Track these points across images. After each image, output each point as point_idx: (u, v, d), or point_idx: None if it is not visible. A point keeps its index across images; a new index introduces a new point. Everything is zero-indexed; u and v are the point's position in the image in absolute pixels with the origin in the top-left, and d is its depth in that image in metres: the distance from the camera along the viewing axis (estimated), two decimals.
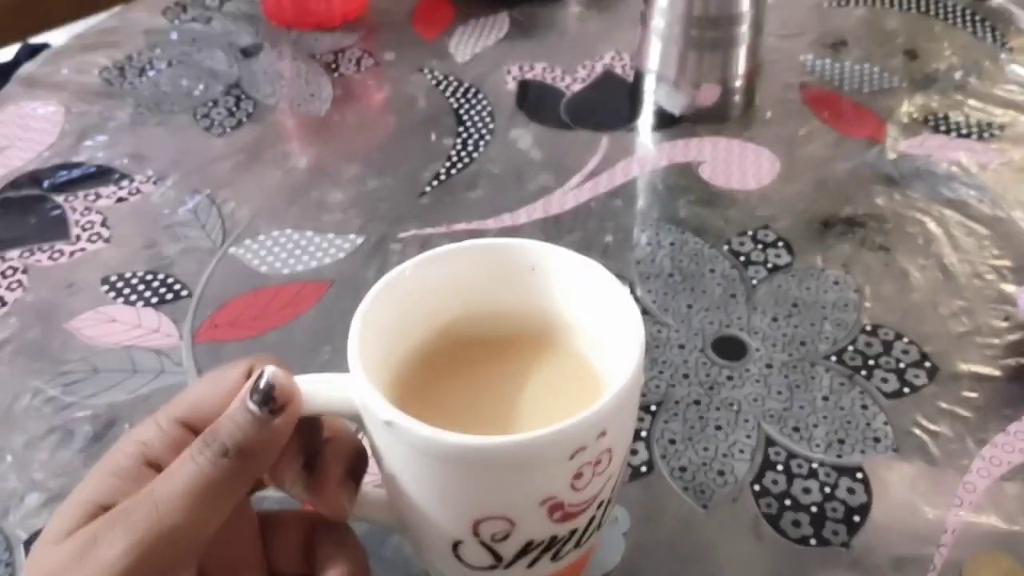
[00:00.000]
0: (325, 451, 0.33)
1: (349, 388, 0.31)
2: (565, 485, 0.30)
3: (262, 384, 0.30)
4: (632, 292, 0.51)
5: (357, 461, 0.33)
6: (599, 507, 0.33)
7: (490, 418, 0.34)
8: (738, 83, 0.65)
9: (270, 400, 0.30)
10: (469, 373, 0.36)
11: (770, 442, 0.44)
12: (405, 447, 0.30)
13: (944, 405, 0.46)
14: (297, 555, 0.34)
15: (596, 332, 0.35)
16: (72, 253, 0.56)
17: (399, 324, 0.35)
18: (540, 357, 0.36)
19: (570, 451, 0.29)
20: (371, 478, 0.43)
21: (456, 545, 0.32)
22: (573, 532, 0.32)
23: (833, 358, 0.48)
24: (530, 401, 0.34)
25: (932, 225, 0.56)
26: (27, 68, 0.75)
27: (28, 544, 0.41)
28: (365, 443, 0.33)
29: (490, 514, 0.30)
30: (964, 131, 0.64)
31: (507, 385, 0.35)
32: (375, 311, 0.33)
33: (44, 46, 0.91)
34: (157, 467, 0.31)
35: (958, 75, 0.69)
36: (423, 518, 0.32)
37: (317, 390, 0.31)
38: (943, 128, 0.64)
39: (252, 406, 0.30)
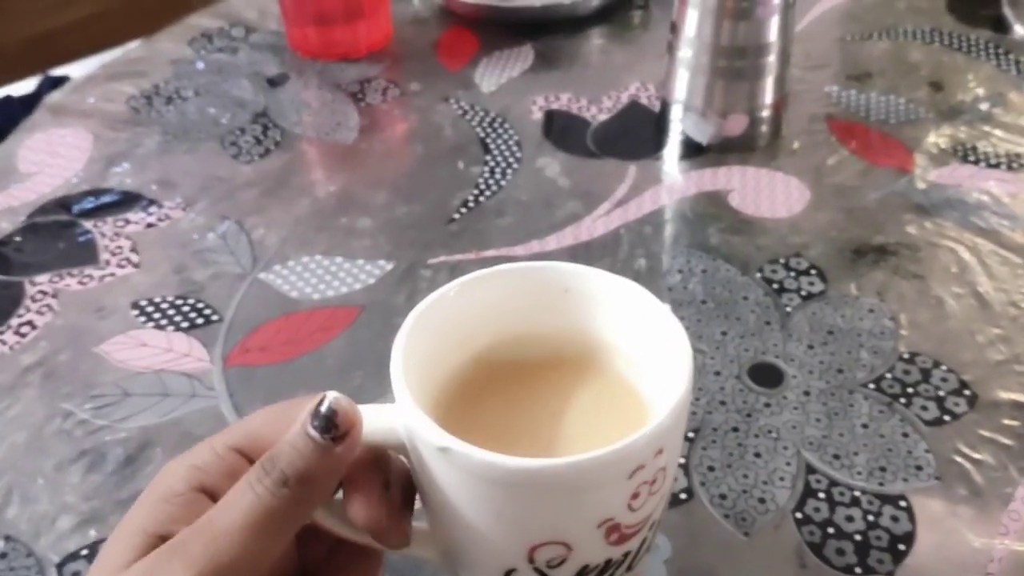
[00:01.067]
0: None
1: (394, 417, 0.31)
2: (623, 506, 0.29)
3: (323, 409, 0.29)
4: None
5: (409, 488, 0.33)
6: (651, 528, 0.32)
7: (534, 441, 0.34)
8: (765, 113, 0.65)
9: (332, 427, 0.29)
10: (508, 397, 0.35)
11: (811, 470, 0.44)
12: (460, 473, 0.29)
13: (985, 433, 0.45)
14: (323, 566, 0.34)
15: (636, 351, 0.35)
16: (102, 278, 0.56)
17: (437, 350, 0.34)
18: (579, 379, 0.36)
19: (629, 470, 0.29)
20: None
21: (509, 573, 0.31)
22: (627, 555, 0.32)
23: (871, 386, 0.48)
24: (572, 423, 0.34)
25: (965, 254, 0.56)
26: (55, 96, 0.75)
27: (60, 567, 0.41)
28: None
29: (547, 539, 0.30)
30: (993, 161, 0.64)
31: (547, 408, 0.35)
32: (414, 337, 0.32)
33: (65, 79, 0.92)
34: (210, 494, 0.30)
35: (984, 106, 0.69)
36: (475, 547, 0.31)
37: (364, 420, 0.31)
38: (972, 158, 0.64)
39: (313, 432, 0.29)
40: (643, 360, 0.35)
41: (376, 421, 0.31)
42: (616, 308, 0.35)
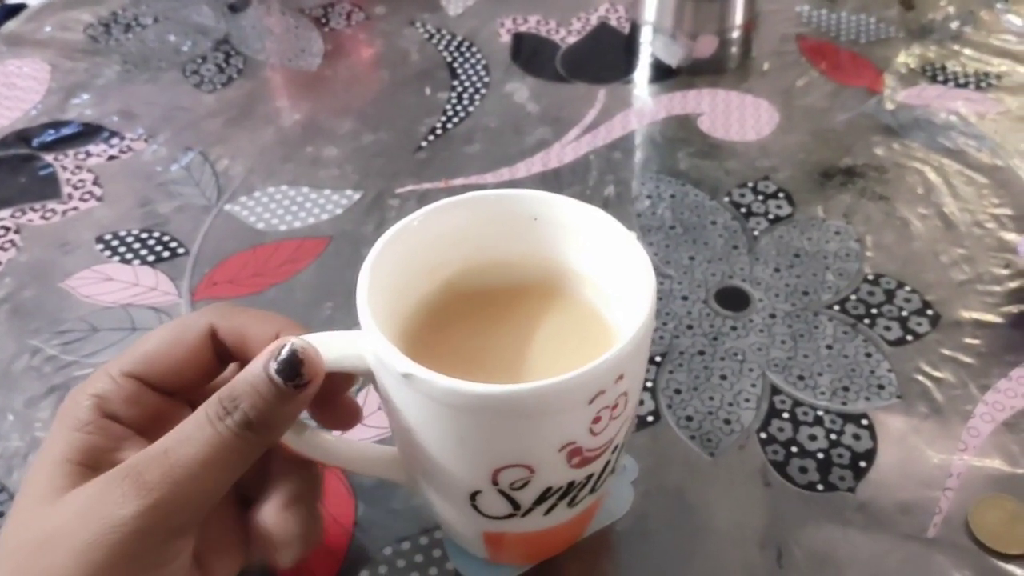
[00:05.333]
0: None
1: (360, 344, 0.31)
2: (584, 430, 0.30)
3: (286, 355, 0.29)
4: None
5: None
6: (614, 451, 0.33)
7: (500, 368, 0.34)
8: (735, 34, 0.64)
9: (296, 376, 0.29)
10: (476, 325, 0.36)
11: (775, 391, 0.44)
12: (423, 399, 0.29)
13: (947, 352, 0.46)
14: (259, 477, 0.34)
15: (602, 279, 0.35)
16: (65, 212, 0.56)
17: (404, 278, 0.34)
18: (547, 307, 0.36)
19: (590, 395, 0.29)
20: (377, 433, 0.43)
21: (474, 496, 0.32)
22: (589, 477, 0.32)
23: (836, 307, 0.48)
24: (539, 350, 0.34)
25: (932, 175, 0.56)
26: (9, 26, 0.73)
27: None
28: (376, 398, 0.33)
29: (509, 462, 0.30)
30: (962, 81, 0.63)
31: (515, 335, 0.35)
32: (381, 266, 0.32)
33: (22, 6, 0.89)
34: (115, 419, 0.30)
35: (954, 25, 0.69)
36: (440, 470, 0.32)
37: (328, 347, 0.31)
38: (940, 78, 0.64)
39: (277, 378, 0.29)
40: (609, 288, 0.35)
41: (343, 348, 0.31)
42: (584, 236, 0.35)
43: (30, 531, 0.28)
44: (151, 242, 0.53)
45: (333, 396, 0.33)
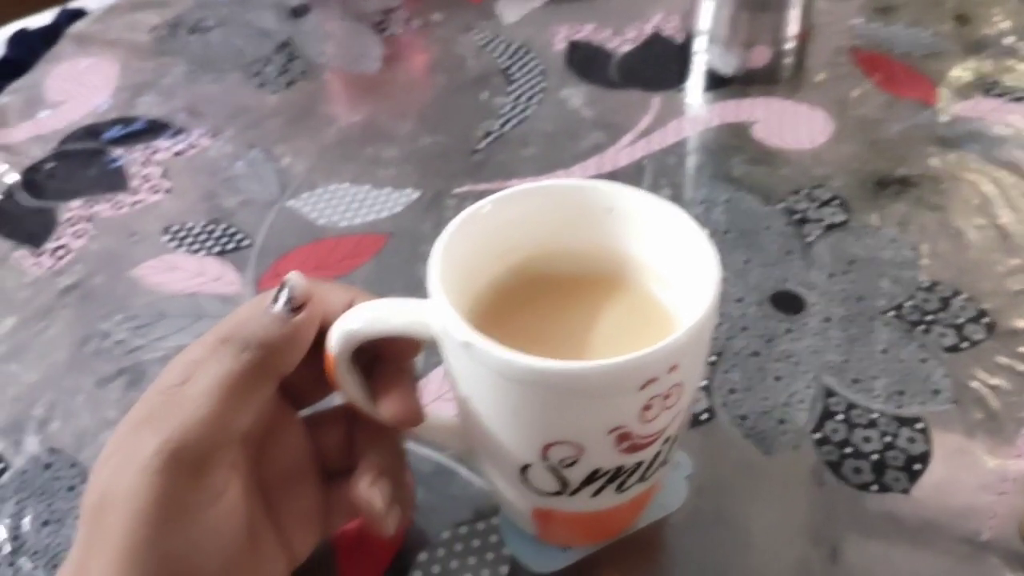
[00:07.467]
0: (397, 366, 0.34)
1: (428, 312, 0.32)
2: (634, 416, 0.30)
3: (280, 286, 0.32)
4: None
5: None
6: (665, 442, 0.33)
7: (560, 349, 0.34)
8: (790, 45, 0.65)
9: (288, 300, 0.31)
10: (539, 309, 0.36)
11: (829, 393, 0.45)
12: (481, 369, 0.30)
13: (1002, 360, 0.46)
14: (342, 449, 0.36)
15: (668, 272, 0.36)
16: (133, 204, 0.57)
17: (475, 260, 0.35)
18: (611, 296, 0.37)
19: (641, 382, 0.29)
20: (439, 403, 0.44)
21: (524, 469, 0.33)
22: (639, 464, 0.33)
23: (891, 313, 0.48)
24: (600, 336, 0.35)
25: (987, 186, 0.56)
26: (78, 26, 0.76)
27: None
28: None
29: (559, 438, 0.31)
30: (1017, 95, 0.63)
31: (578, 321, 0.36)
32: (453, 245, 0.33)
33: (82, 12, 0.92)
34: None
35: (1009, 40, 0.69)
36: (494, 441, 0.33)
37: (397, 312, 0.32)
38: (995, 92, 0.64)
39: (271, 307, 0.31)
40: (675, 282, 0.36)
41: (411, 314, 0.32)
42: (655, 229, 0.35)
43: (91, 494, 0.30)
44: (216, 234, 0.55)
45: (399, 364, 0.34)
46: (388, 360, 0.34)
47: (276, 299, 0.32)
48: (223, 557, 0.30)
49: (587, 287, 0.37)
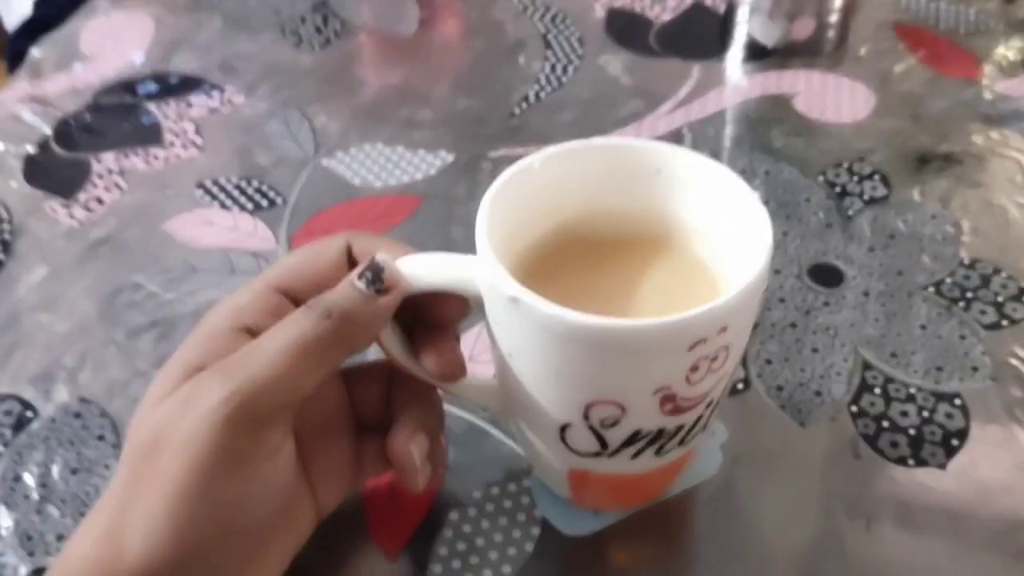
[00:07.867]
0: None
1: (473, 267, 0.31)
2: (680, 377, 0.30)
3: (370, 263, 0.31)
4: None
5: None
6: (708, 406, 0.33)
7: (606, 308, 0.34)
8: (833, 18, 0.64)
9: (377, 280, 0.31)
10: (586, 268, 0.36)
11: (867, 366, 0.44)
12: (527, 324, 0.30)
13: None
14: (378, 405, 0.35)
15: (716, 236, 0.35)
16: (166, 158, 0.57)
17: (521, 216, 0.35)
18: (658, 258, 0.36)
19: (691, 341, 0.29)
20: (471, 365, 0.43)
21: (564, 428, 0.32)
22: (680, 428, 0.32)
23: (931, 289, 0.48)
24: (644, 298, 0.35)
25: None
26: None
27: None
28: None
29: (603, 398, 0.31)
30: None
31: (624, 281, 0.35)
32: (500, 201, 0.33)
33: None
34: (251, 332, 0.31)
35: None
36: (534, 400, 0.32)
37: (442, 266, 0.32)
38: None
39: (359, 283, 0.31)
40: (724, 246, 0.35)
41: (456, 270, 0.32)
42: (705, 191, 0.35)
43: (141, 434, 0.30)
44: (250, 191, 0.54)
45: (444, 323, 0.34)
46: (431, 323, 0.34)
47: (362, 276, 0.31)
48: (268, 510, 0.30)
49: (633, 247, 0.36)
